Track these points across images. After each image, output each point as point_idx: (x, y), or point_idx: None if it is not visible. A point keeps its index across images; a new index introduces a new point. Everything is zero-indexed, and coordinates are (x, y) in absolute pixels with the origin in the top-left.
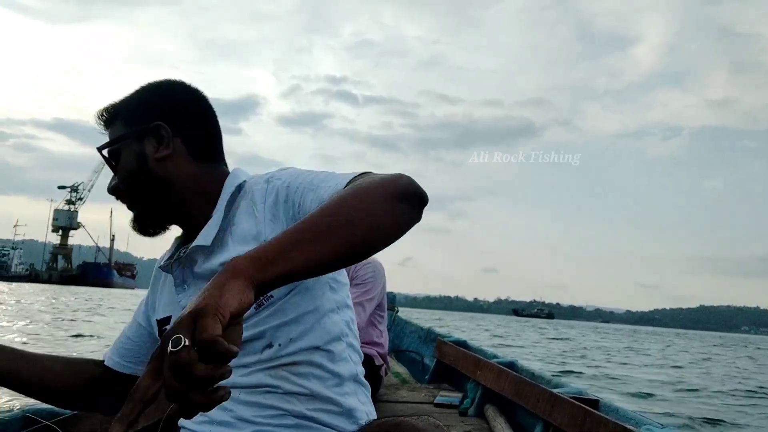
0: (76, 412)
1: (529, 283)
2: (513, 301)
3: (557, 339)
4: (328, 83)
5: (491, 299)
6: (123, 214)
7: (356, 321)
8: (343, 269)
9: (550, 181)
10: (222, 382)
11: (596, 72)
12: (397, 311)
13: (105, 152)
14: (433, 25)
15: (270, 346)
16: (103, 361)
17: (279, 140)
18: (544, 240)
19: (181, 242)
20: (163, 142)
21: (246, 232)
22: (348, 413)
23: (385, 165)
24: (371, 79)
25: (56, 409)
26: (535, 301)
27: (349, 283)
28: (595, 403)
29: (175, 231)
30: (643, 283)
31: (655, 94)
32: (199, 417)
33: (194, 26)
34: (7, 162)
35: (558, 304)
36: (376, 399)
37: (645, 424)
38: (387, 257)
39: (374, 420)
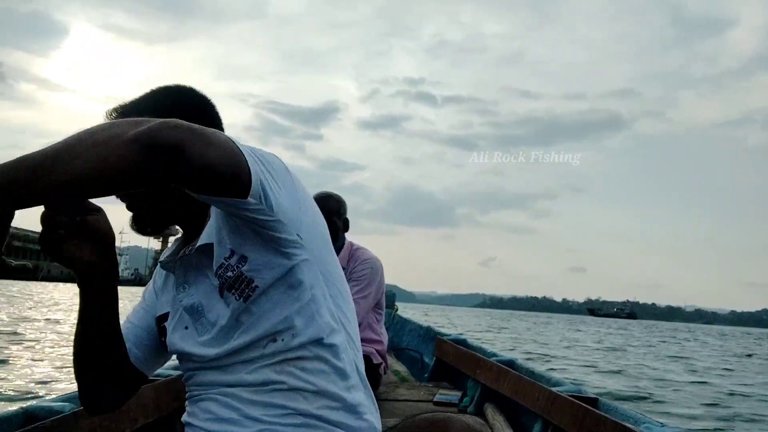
0: (75, 410)
1: (621, 283)
2: (605, 302)
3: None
4: (406, 85)
5: (580, 299)
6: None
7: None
8: (338, 262)
9: (641, 175)
10: (226, 379)
11: (690, 58)
12: (397, 309)
13: None
14: (512, 21)
15: (274, 340)
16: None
17: (359, 144)
18: (636, 237)
19: (182, 242)
20: None
21: (219, 232)
22: (352, 408)
23: (465, 164)
24: (450, 78)
25: (56, 407)
26: (628, 301)
27: (344, 276)
28: (594, 401)
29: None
30: (750, 281)
31: (755, 78)
32: (206, 414)
33: (277, 38)
34: None
35: (653, 304)
36: (375, 397)
37: (644, 423)
38: (465, 257)
39: (420, 413)
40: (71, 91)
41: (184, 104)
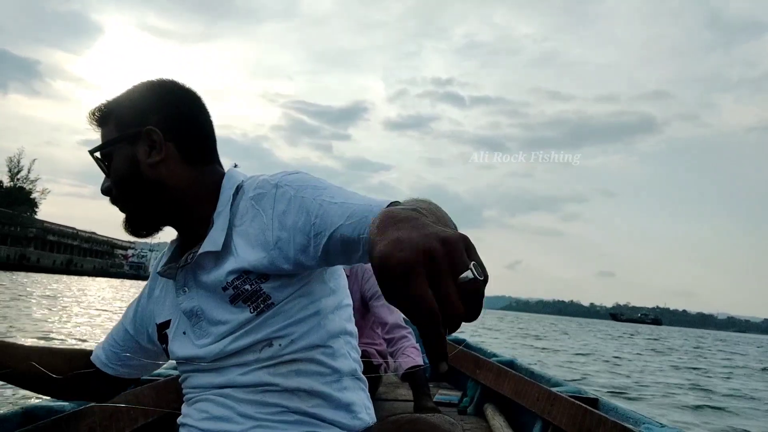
0: (75, 410)
1: (651, 289)
2: (633, 307)
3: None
4: (434, 86)
5: (609, 304)
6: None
7: (389, 319)
8: (344, 272)
9: (674, 180)
10: (220, 381)
11: (728, 61)
12: None
13: (97, 154)
14: (544, 22)
15: (270, 345)
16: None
17: (386, 144)
18: (668, 243)
19: (178, 245)
20: (155, 147)
21: (253, 237)
22: (347, 407)
23: (493, 165)
24: (479, 79)
25: (55, 407)
26: (657, 307)
27: (347, 284)
28: (594, 401)
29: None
30: None
31: None
32: (200, 414)
33: (309, 38)
34: None
35: (684, 311)
36: (374, 398)
37: (644, 423)
38: (492, 259)
39: (391, 416)
40: (106, 90)
41: (169, 101)
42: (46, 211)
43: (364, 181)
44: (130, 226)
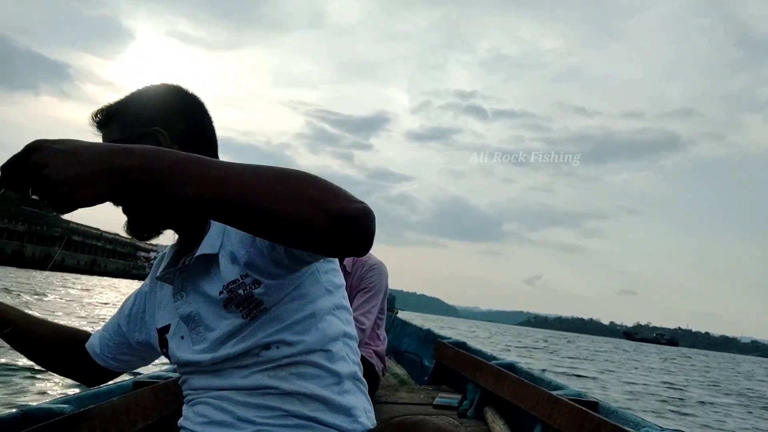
0: (75, 412)
1: (673, 309)
2: (655, 327)
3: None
4: (457, 98)
5: (629, 323)
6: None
7: (363, 326)
8: (341, 272)
9: (699, 198)
10: (220, 383)
11: (757, 81)
12: (397, 312)
13: None
14: (570, 36)
15: (267, 348)
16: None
17: (408, 155)
18: (692, 263)
19: (178, 249)
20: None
21: (240, 236)
22: (347, 411)
23: (514, 179)
24: (502, 93)
25: (55, 409)
26: (680, 328)
27: (345, 284)
28: (594, 405)
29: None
30: None
31: None
32: (199, 418)
33: (334, 48)
34: None
35: (707, 333)
36: (374, 400)
37: (644, 427)
38: (510, 273)
39: (394, 417)
40: None
41: (174, 104)
42: (72, 213)
43: (385, 191)
44: (132, 228)
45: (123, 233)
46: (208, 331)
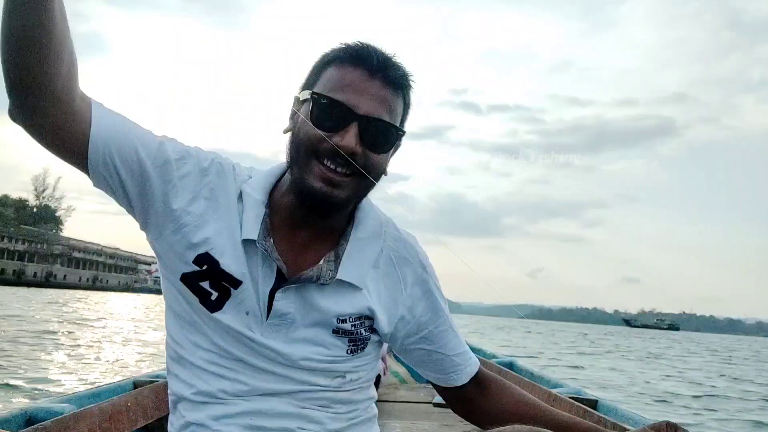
0: (75, 412)
1: (677, 295)
2: (658, 314)
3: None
4: (450, 94)
5: (634, 311)
6: None
7: None
8: None
9: (697, 183)
10: (290, 388)
11: (749, 62)
12: None
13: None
14: (561, 28)
15: (343, 377)
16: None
17: (404, 154)
18: (694, 248)
19: (272, 213)
20: (393, 153)
21: (385, 296)
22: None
23: (512, 173)
24: (495, 87)
25: (55, 408)
26: (684, 313)
27: None
28: (593, 402)
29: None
30: None
31: None
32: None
33: (324, 44)
34: None
35: (712, 316)
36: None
37: (644, 424)
38: (512, 267)
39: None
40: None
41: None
42: (71, 229)
43: (381, 192)
44: (329, 202)
45: (122, 247)
46: (293, 332)
